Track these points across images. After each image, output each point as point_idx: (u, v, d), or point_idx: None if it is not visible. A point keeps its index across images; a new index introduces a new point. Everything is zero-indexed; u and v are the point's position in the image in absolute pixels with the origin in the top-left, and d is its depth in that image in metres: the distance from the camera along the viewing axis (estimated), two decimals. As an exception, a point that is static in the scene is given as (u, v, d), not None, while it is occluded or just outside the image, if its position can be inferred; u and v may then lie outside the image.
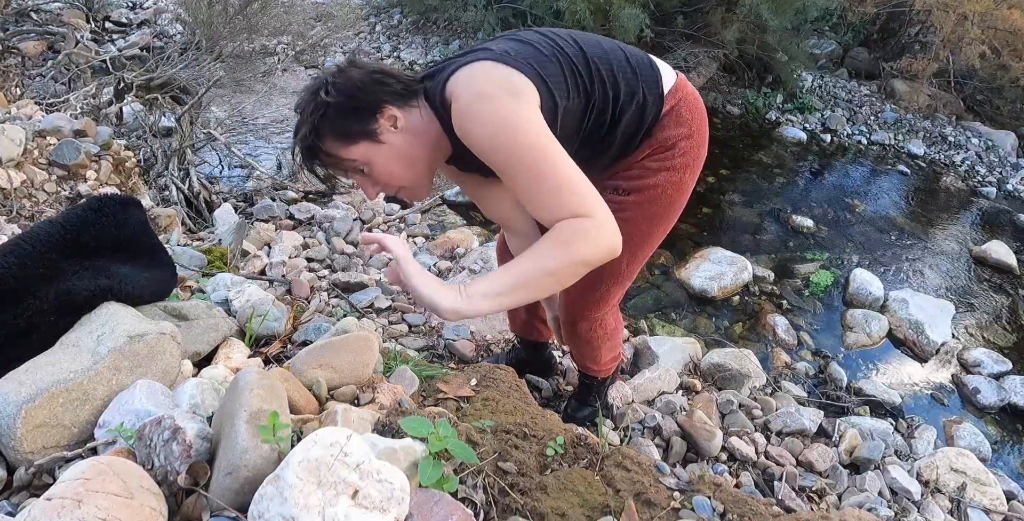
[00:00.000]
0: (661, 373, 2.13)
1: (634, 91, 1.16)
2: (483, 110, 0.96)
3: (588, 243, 0.94)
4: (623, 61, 1.16)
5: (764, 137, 5.13)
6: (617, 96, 1.14)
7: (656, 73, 1.19)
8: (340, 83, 1.02)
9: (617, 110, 1.16)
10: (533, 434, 0.90)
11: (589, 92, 1.11)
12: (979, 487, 1.98)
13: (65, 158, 2.10)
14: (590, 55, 1.12)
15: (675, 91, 1.21)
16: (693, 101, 1.25)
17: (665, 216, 1.32)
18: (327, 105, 1.02)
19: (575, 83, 1.09)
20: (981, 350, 2.86)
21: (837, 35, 6.53)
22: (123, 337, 0.73)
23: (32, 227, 0.82)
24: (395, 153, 1.06)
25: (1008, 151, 5.49)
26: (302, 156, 1.08)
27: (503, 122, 0.95)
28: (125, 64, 4.23)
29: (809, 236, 3.74)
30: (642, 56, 1.21)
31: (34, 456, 0.64)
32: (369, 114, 1.03)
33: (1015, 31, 5.27)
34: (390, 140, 1.04)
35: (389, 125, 1.04)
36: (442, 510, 0.59)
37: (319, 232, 2.94)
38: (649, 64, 1.20)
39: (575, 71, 1.09)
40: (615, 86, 1.14)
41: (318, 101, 1.02)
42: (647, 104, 1.18)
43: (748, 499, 0.83)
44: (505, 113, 0.95)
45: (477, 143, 0.98)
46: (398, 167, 1.08)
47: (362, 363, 0.84)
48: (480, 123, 0.96)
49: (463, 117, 0.98)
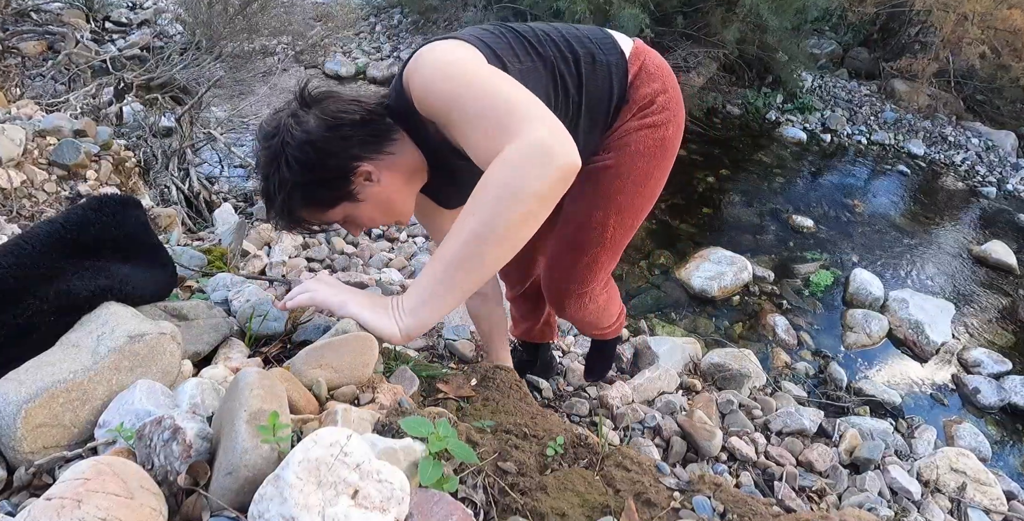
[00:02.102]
0: (661, 373, 2.13)
1: (592, 52, 1.12)
2: (423, 63, 0.91)
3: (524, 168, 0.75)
4: (571, 29, 1.15)
5: (764, 137, 5.13)
6: (577, 57, 1.10)
7: (608, 36, 1.18)
8: (299, 154, 0.94)
9: (580, 71, 1.11)
10: (533, 434, 0.90)
11: (542, 55, 1.06)
12: (979, 487, 1.98)
13: (65, 158, 2.10)
14: (535, 26, 1.11)
15: (636, 53, 1.18)
16: (657, 59, 1.22)
17: (651, 176, 1.24)
18: (292, 184, 0.96)
19: (523, 47, 1.05)
20: (981, 350, 2.86)
21: (837, 35, 6.53)
22: (123, 337, 0.73)
23: (32, 227, 0.82)
24: (376, 202, 1.03)
25: (1008, 151, 5.50)
26: (283, 226, 1.05)
27: (439, 62, 0.90)
28: (125, 64, 4.23)
29: (809, 236, 3.74)
30: (592, 26, 1.20)
31: (34, 456, 0.64)
32: (341, 180, 0.97)
33: (1015, 31, 5.27)
34: (367, 194, 1.00)
35: (363, 181, 0.99)
36: (442, 510, 0.59)
37: (319, 232, 2.94)
38: (599, 30, 1.19)
39: (520, 38, 1.06)
40: (570, 48, 1.10)
41: (281, 178, 0.96)
42: (610, 65, 1.14)
43: (748, 499, 0.83)
44: (443, 57, 0.91)
45: (419, 92, 0.90)
46: (380, 214, 1.06)
47: (362, 363, 0.84)
48: (420, 72, 0.90)
49: (410, 80, 0.92)
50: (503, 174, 0.76)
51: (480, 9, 5.67)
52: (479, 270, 0.80)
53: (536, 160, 0.75)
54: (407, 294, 0.85)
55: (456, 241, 0.78)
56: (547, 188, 0.76)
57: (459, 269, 0.79)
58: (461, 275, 0.80)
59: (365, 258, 2.74)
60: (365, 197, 1.01)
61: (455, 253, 0.79)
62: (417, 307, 0.83)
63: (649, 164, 1.22)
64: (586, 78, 1.12)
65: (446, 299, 0.82)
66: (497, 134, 0.78)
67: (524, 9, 5.32)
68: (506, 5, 5.53)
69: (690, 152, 4.49)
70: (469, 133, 0.84)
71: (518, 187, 0.75)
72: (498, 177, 0.76)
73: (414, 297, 0.83)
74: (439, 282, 0.81)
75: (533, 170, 0.75)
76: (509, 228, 0.77)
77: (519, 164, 0.75)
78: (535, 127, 0.77)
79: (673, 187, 3.96)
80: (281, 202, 0.99)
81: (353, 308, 0.86)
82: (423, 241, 3.04)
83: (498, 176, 0.76)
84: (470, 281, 0.81)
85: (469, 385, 1.07)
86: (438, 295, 0.81)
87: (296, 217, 1.02)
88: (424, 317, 0.83)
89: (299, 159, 0.94)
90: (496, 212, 0.76)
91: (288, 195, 0.97)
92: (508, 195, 0.75)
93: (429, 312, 0.82)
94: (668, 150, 1.24)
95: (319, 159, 0.94)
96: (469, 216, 0.78)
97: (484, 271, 0.81)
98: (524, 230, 0.78)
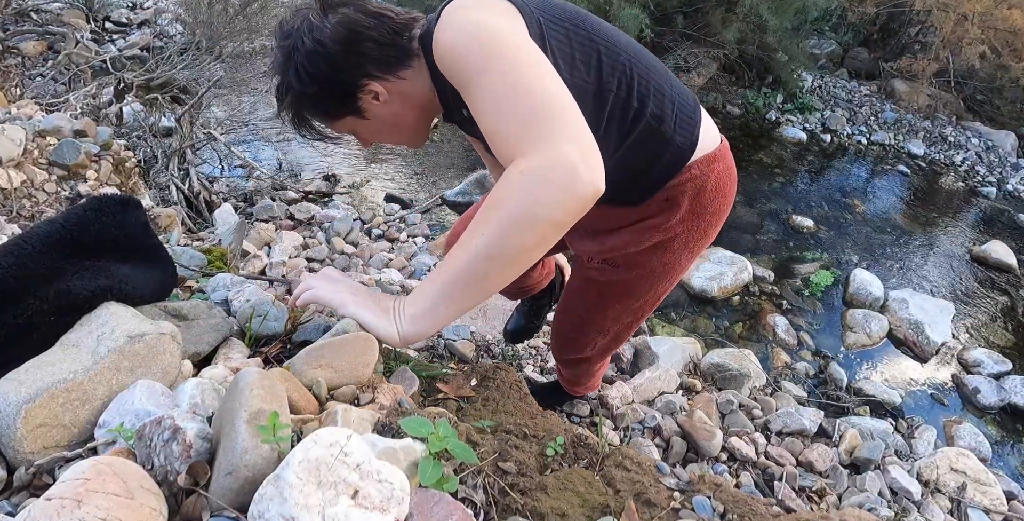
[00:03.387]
0: (661, 373, 2.13)
1: (663, 117, 0.94)
2: (455, 18, 0.79)
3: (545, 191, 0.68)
4: (664, 76, 0.96)
5: (764, 137, 5.13)
6: (641, 112, 0.92)
7: (696, 116, 0.99)
8: (308, 65, 0.90)
9: (631, 129, 0.94)
10: (533, 434, 0.90)
11: (602, 80, 0.89)
12: (979, 487, 1.98)
13: (65, 158, 2.10)
14: (623, 43, 0.92)
15: (712, 159, 1.00)
16: (726, 180, 1.04)
17: (651, 290, 1.19)
18: (302, 95, 0.94)
19: (587, 57, 0.88)
20: (981, 350, 2.86)
21: (837, 35, 6.53)
22: (123, 337, 0.73)
23: (32, 227, 0.82)
24: (382, 122, 0.99)
25: (1008, 151, 5.50)
26: (291, 125, 1.02)
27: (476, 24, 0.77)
28: (125, 64, 4.23)
29: (809, 236, 3.74)
30: (687, 91, 1.01)
31: (34, 456, 0.64)
32: (349, 95, 0.94)
33: (1015, 31, 5.27)
34: (374, 113, 0.97)
35: (371, 99, 0.95)
36: (442, 510, 0.59)
37: (319, 232, 2.95)
38: (693, 103, 1.00)
39: (596, 44, 0.88)
40: (641, 95, 0.92)
41: (289, 83, 0.94)
42: (671, 143, 0.96)
43: (748, 499, 0.83)
44: (483, 20, 0.78)
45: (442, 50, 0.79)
46: (386, 133, 1.04)
47: (362, 363, 0.84)
48: (448, 29, 0.79)
49: (439, 26, 0.80)
50: (521, 194, 0.70)
51: (480, 9, 5.66)
52: (483, 289, 0.78)
53: (560, 184, 0.69)
54: (409, 299, 0.83)
55: (464, 256, 0.75)
56: (565, 216, 0.71)
57: (464, 286, 0.78)
58: (464, 292, 0.78)
59: (365, 258, 2.74)
60: (372, 116, 0.97)
61: (462, 269, 0.76)
62: (417, 316, 0.82)
63: (656, 283, 1.17)
64: (632, 141, 0.95)
65: (447, 312, 0.80)
66: (521, 133, 0.71)
67: (524, 9, 5.31)
68: (506, 5, 5.53)
69: (690, 152, 4.49)
70: (490, 118, 0.76)
71: (536, 213, 0.70)
72: (516, 196, 0.70)
73: (416, 305, 0.82)
74: (442, 295, 0.79)
75: (554, 195, 0.69)
76: (520, 252, 0.74)
77: (540, 185, 0.69)
78: (566, 142, 0.69)
79: (673, 187, 3.96)
80: (288, 104, 0.97)
81: (353, 308, 0.86)
82: (423, 241, 3.04)
83: (516, 195, 0.70)
84: (473, 298, 0.79)
85: (469, 385, 1.07)
86: (439, 308, 0.80)
87: (303, 120, 1.00)
88: (423, 327, 0.82)
89: (307, 69, 0.90)
90: (508, 234, 0.72)
91: (294, 100, 0.96)
92: (524, 219, 0.70)
93: (428, 323, 0.81)
94: (677, 270, 1.16)
95: (328, 71, 0.90)
96: (480, 233, 0.73)
97: (488, 290, 0.79)
98: (535, 253, 0.75)
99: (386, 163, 3.94)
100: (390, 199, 3.50)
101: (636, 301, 1.22)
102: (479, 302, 0.80)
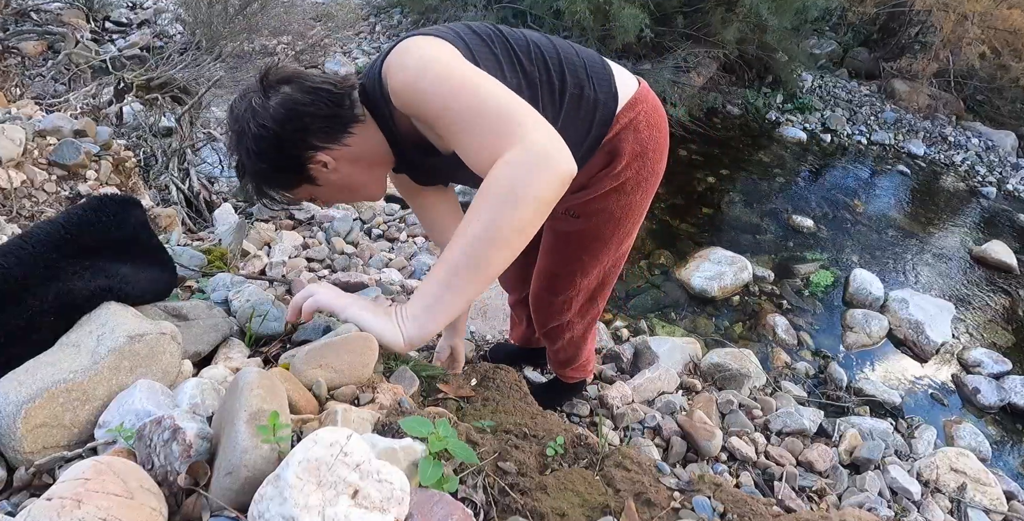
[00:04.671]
0: (661, 373, 2.13)
1: (582, 85, 1.07)
2: (408, 59, 0.89)
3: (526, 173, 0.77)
4: (569, 51, 1.09)
5: (764, 137, 5.13)
6: (564, 88, 1.05)
7: (607, 72, 1.11)
8: (255, 147, 0.96)
9: (562, 105, 1.06)
10: (533, 434, 0.91)
11: (528, 73, 1.02)
12: (979, 487, 1.98)
13: (65, 158, 2.10)
14: (531, 37, 1.06)
15: (635, 101, 1.12)
16: (654, 116, 1.16)
17: (614, 235, 1.29)
18: (256, 172, 1.01)
19: (510, 60, 1.01)
20: (981, 350, 2.86)
21: (837, 35, 6.53)
22: (123, 337, 0.73)
23: (32, 227, 0.82)
24: (334, 187, 1.05)
25: (1008, 151, 5.50)
26: (254, 197, 1.11)
27: (425, 60, 0.87)
28: (125, 64, 4.23)
29: (809, 236, 3.74)
30: (592, 53, 1.14)
31: (34, 456, 0.64)
32: (299, 168, 1.00)
33: (1015, 31, 5.28)
34: (325, 179, 1.03)
35: (320, 167, 1.00)
36: (442, 510, 0.59)
37: (319, 232, 2.94)
38: (600, 62, 1.12)
39: (509, 48, 1.02)
40: (560, 75, 1.05)
41: (243, 162, 1.01)
42: (597, 102, 1.09)
43: (748, 499, 0.83)
44: (429, 53, 0.88)
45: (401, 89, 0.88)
46: (343, 195, 1.10)
47: (362, 363, 0.84)
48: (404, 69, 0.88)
49: (390, 74, 0.90)
50: (505, 179, 0.77)
51: (480, 9, 5.66)
52: (484, 273, 0.80)
53: (537, 166, 0.77)
54: (411, 301, 0.84)
55: (460, 245, 0.79)
56: (548, 193, 0.78)
57: (464, 273, 0.79)
58: (466, 279, 0.80)
59: (365, 258, 2.74)
60: (324, 182, 1.03)
61: (459, 257, 0.79)
62: (421, 313, 0.82)
63: (618, 226, 1.27)
64: (564, 114, 1.07)
65: (452, 303, 0.81)
66: (495, 141, 0.79)
67: (524, 9, 5.32)
68: (506, 5, 5.53)
69: (690, 152, 4.49)
70: (463, 139, 0.84)
71: (520, 192, 0.76)
72: (500, 182, 0.77)
73: (418, 303, 0.82)
74: (444, 286, 0.81)
75: (534, 175, 0.77)
76: (512, 230, 0.78)
77: (520, 169, 0.77)
78: (533, 133, 0.78)
79: (673, 187, 3.96)
80: (247, 181, 1.04)
81: (356, 310, 0.86)
82: (423, 241, 3.04)
83: (500, 181, 0.77)
84: (475, 285, 0.81)
85: (469, 385, 1.07)
86: (443, 300, 0.81)
87: (263, 193, 1.06)
88: (428, 323, 0.82)
89: (256, 149, 0.96)
90: (499, 215, 0.77)
91: (251, 177, 1.02)
92: (511, 199, 0.76)
93: (434, 317, 0.82)
94: (635, 211, 1.26)
95: (275, 150, 0.96)
96: (472, 221, 0.78)
97: (489, 274, 0.81)
98: (527, 231, 0.79)
99: (386, 163, 3.93)
100: (390, 199, 3.50)
101: (603, 247, 1.30)
102: (481, 290, 0.83)
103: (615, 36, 4.43)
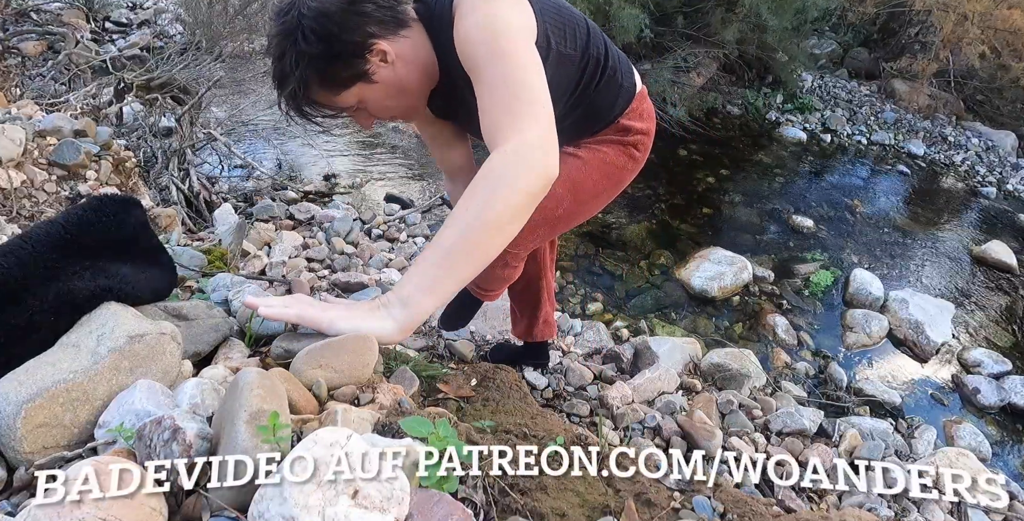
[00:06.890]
0: (661, 373, 2.13)
1: (617, 69, 1.20)
2: (480, 14, 0.91)
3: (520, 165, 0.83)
4: (612, 44, 1.22)
5: (764, 137, 5.13)
6: (607, 68, 1.17)
7: (629, 64, 1.26)
8: (316, 25, 0.91)
9: (602, 80, 1.17)
10: (533, 434, 0.90)
11: (587, 50, 1.11)
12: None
13: (65, 158, 2.10)
14: (592, 23, 1.16)
15: (643, 94, 1.30)
16: (651, 108, 1.33)
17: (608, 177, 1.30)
18: (309, 57, 0.93)
19: (575, 35, 1.08)
20: (981, 350, 2.86)
21: (837, 35, 6.53)
22: (123, 337, 0.73)
23: (32, 227, 0.82)
24: (389, 87, 1.01)
25: (1008, 151, 5.49)
26: (291, 110, 1.02)
27: (494, 23, 0.90)
28: (125, 64, 4.23)
29: (809, 236, 3.74)
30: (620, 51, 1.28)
31: (34, 456, 0.64)
32: (357, 56, 0.95)
33: (1015, 31, 5.27)
34: (383, 76, 0.98)
35: (379, 60, 0.96)
36: (442, 510, 0.59)
37: (319, 232, 2.94)
38: (627, 59, 1.27)
39: (578, 25, 1.10)
40: (607, 57, 1.16)
41: (298, 51, 0.93)
42: (622, 89, 1.22)
43: (748, 499, 0.83)
44: (502, 18, 0.91)
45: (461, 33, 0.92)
46: (393, 99, 1.04)
47: (362, 363, 0.84)
48: (473, 16, 0.91)
49: (460, 11, 0.93)
50: (503, 167, 0.83)
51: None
52: (477, 256, 0.83)
53: (531, 162, 0.84)
54: (398, 285, 0.83)
55: (454, 229, 0.81)
56: (536, 186, 0.84)
57: (458, 255, 0.81)
58: (459, 261, 0.82)
59: (365, 258, 2.74)
60: (380, 78, 0.99)
61: (453, 239, 0.81)
62: (412, 295, 0.81)
63: (610, 171, 1.30)
64: (602, 88, 1.18)
65: (444, 285, 0.82)
66: (506, 120, 0.86)
67: (524, 9, 5.31)
68: (506, 5, 5.53)
69: (690, 152, 4.49)
70: (486, 97, 0.90)
71: (513, 181, 0.82)
72: (496, 171, 0.83)
73: (408, 286, 0.82)
74: (437, 267, 0.81)
75: (526, 169, 0.83)
76: (505, 215, 0.82)
77: (516, 161, 0.83)
78: (535, 129, 0.85)
79: (673, 187, 3.96)
80: (297, 79, 0.95)
81: (342, 324, 0.83)
82: (423, 241, 3.04)
83: (496, 170, 0.83)
84: (468, 267, 0.83)
85: (469, 385, 1.07)
86: (438, 280, 0.81)
87: (310, 98, 0.99)
88: (421, 304, 0.81)
89: (316, 31, 0.92)
90: (493, 200, 0.81)
91: (304, 71, 0.94)
92: (504, 186, 0.82)
93: (426, 298, 0.81)
94: (622, 172, 1.32)
95: (336, 31, 0.92)
96: (466, 206, 0.82)
97: (482, 257, 0.83)
98: (521, 215, 0.84)
99: (386, 163, 3.94)
100: (390, 199, 3.50)
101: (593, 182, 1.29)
102: (474, 274, 0.84)
103: (615, 36, 4.42)
